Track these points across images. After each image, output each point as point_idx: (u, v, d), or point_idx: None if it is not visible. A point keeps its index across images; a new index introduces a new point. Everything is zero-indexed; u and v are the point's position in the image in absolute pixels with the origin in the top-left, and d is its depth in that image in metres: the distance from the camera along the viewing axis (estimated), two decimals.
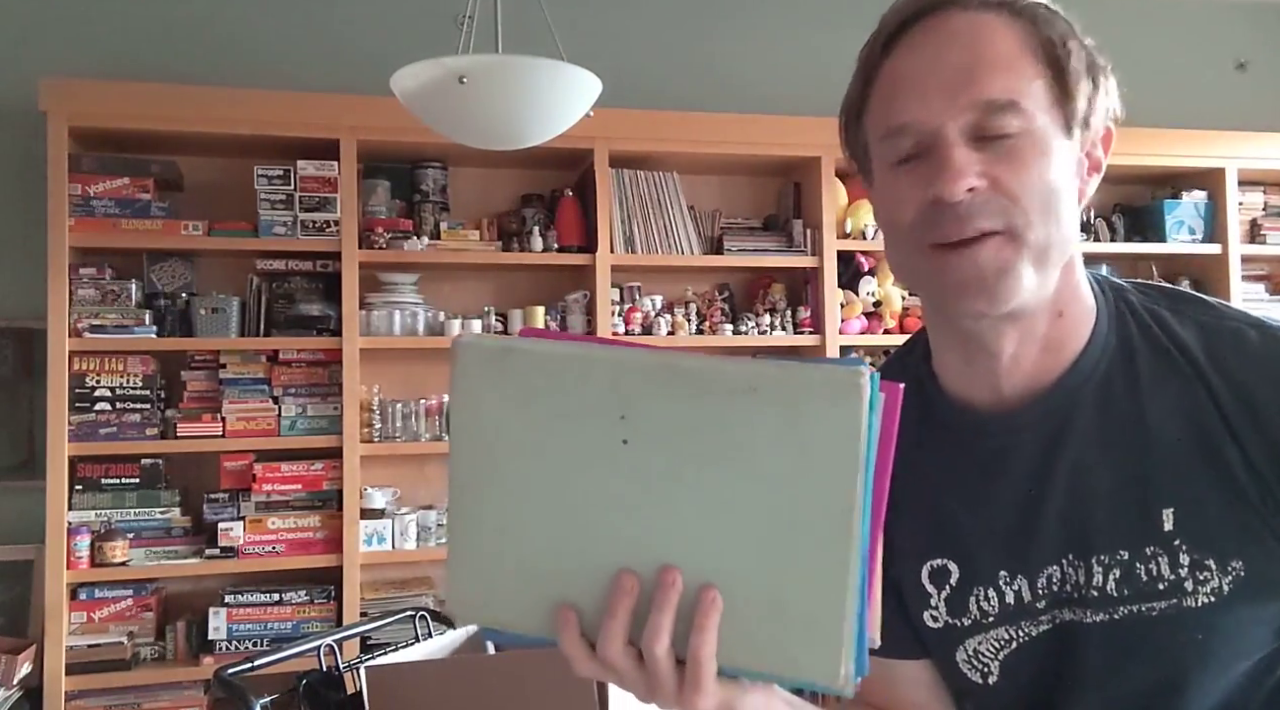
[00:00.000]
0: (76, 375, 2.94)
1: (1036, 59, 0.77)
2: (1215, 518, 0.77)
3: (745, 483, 0.58)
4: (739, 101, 3.54)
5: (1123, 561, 0.79)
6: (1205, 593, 0.77)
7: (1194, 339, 0.81)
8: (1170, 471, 0.78)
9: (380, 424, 3.13)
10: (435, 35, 2.74)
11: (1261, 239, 3.86)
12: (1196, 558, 0.77)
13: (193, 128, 2.98)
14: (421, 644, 1.81)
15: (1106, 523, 0.80)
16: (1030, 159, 0.75)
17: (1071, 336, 0.82)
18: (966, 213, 0.75)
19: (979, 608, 0.85)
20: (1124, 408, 0.81)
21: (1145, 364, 0.81)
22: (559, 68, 2.15)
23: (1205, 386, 0.79)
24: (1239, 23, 4.17)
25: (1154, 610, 0.79)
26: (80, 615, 2.91)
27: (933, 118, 0.76)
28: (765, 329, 3.43)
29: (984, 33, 0.77)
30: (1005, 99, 0.75)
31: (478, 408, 0.64)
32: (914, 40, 0.78)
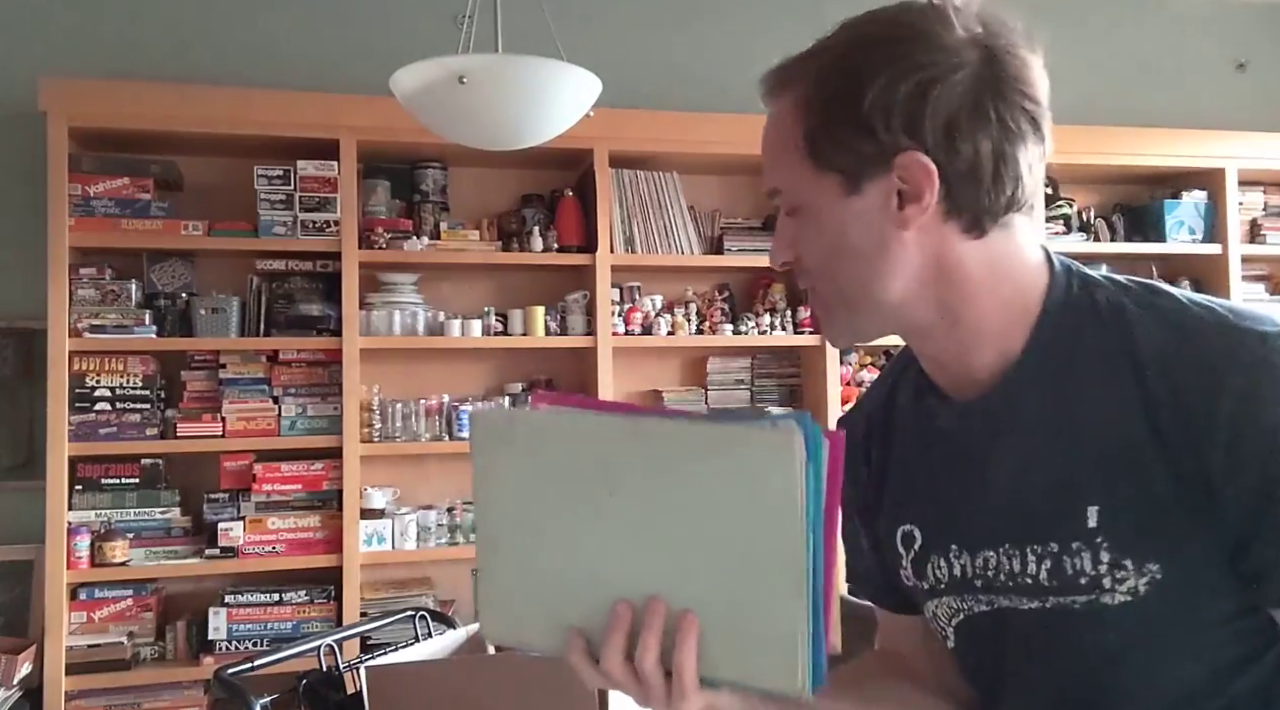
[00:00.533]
0: (76, 375, 2.94)
1: (794, 143, 0.84)
2: (1135, 521, 0.79)
3: (709, 527, 0.70)
4: (739, 101, 3.53)
5: (1053, 553, 0.82)
6: (1122, 592, 0.79)
7: (1148, 338, 0.80)
8: (1098, 471, 0.80)
9: (380, 424, 3.13)
10: (435, 35, 2.75)
11: (1261, 239, 3.86)
12: (1115, 557, 0.79)
13: (193, 128, 2.98)
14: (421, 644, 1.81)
15: (1040, 514, 0.83)
16: (809, 229, 0.85)
17: (1002, 335, 0.85)
18: (794, 274, 0.90)
19: (934, 574, 0.92)
20: (1063, 405, 0.83)
21: (1088, 363, 0.82)
22: (559, 68, 2.15)
23: (1143, 391, 0.79)
24: (1239, 23, 4.17)
25: (1076, 603, 0.81)
26: (80, 615, 2.91)
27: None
28: (765, 329, 3.43)
29: (769, 130, 0.89)
30: (771, 188, 0.88)
31: (494, 467, 0.77)
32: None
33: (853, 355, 3.54)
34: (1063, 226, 3.68)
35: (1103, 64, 3.94)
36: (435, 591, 3.21)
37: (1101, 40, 3.97)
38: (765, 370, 3.59)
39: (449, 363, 3.35)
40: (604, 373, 3.24)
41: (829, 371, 3.39)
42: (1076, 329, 0.84)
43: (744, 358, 3.56)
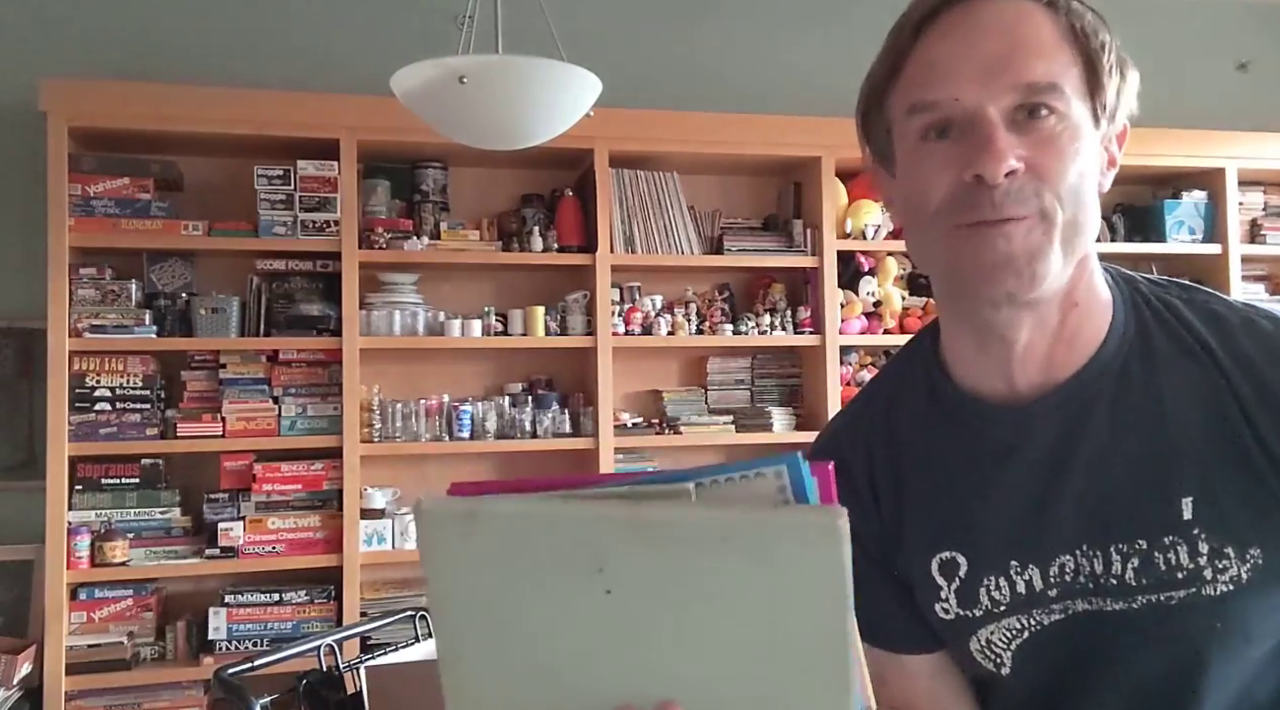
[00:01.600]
0: (76, 375, 2.94)
1: (1072, 47, 0.78)
2: (1233, 505, 0.77)
3: (732, 620, 0.59)
4: (739, 101, 3.54)
5: (1141, 551, 0.79)
6: (1224, 581, 0.77)
7: (1206, 325, 0.81)
8: (1188, 459, 0.78)
9: (380, 424, 3.13)
10: (435, 35, 2.74)
11: (1261, 239, 3.86)
12: (1215, 546, 0.77)
13: (193, 128, 2.98)
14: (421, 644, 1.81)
15: (1125, 512, 0.80)
16: (1066, 145, 0.76)
17: (1087, 328, 0.83)
18: (1003, 197, 0.75)
19: (990, 597, 0.85)
20: (1141, 397, 0.81)
21: (1162, 352, 0.81)
22: (559, 68, 2.15)
23: (1220, 372, 0.79)
24: (1239, 23, 4.17)
25: (1173, 599, 0.78)
26: (80, 615, 2.91)
27: (973, 97, 0.76)
28: (765, 329, 3.43)
29: (1021, 19, 0.77)
30: (1047, 82, 0.75)
31: (452, 567, 0.63)
32: (946, 27, 0.78)
33: (853, 355, 3.54)
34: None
35: None
36: None
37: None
38: (765, 370, 3.58)
39: (449, 363, 3.35)
40: (604, 373, 3.24)
41: (829, 371, 3.39)
42: (1140, 321, 0.83)
43: (744, 358, 3.56)
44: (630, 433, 3.32)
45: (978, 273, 0.77)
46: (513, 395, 3.31)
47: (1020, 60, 0.76)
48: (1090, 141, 0.78)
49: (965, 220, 0.77)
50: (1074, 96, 0.77)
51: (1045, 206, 0.76)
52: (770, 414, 3.41)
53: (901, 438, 0.91)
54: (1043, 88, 0.76)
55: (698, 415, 3.44)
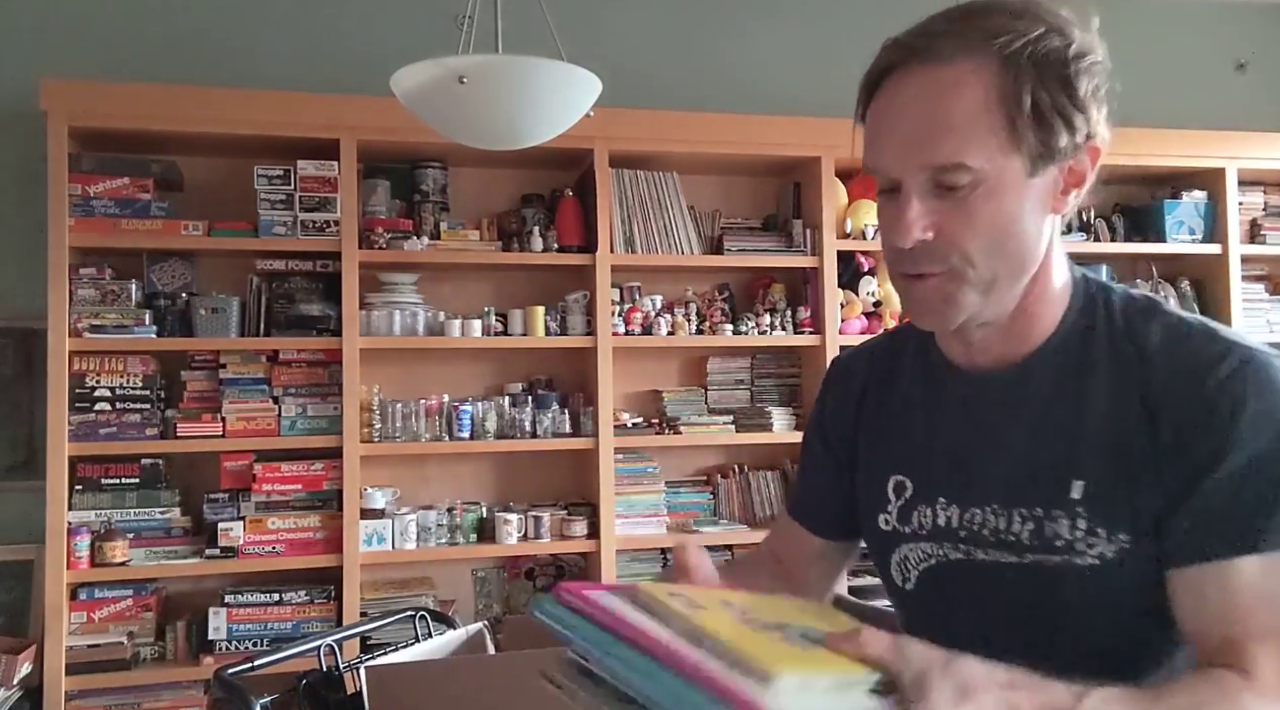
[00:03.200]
0: (76, 375, 2.94)
1: (993, 113, 0.84)
2: (1113, 494, 0.89)
3: None
4: (739, 101, 3.54)
5: (1037, 518, 0.92)
6: (1092, 556, 0.89)
7: (1154, 341, 0.91)
8: (1089, 448, 0.90)
9: (380, 424, 3.13)
10: (435, 35, 2.74)
11: (1261, 239, 3.86)
12: (1090, 526, 0.89)
13: (193, 128, 2.98)
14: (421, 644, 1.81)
15: (1031, 483, 0.93)
16: (978, 209, 0.86)
17: (1037, 327, 0.95)
18: (915, 259, 0.89)
19: (918, 521, 1.01)
20: (1067, 389, 0.93)
21: (1097, 354, 0.93)
22: (559, 68, 2.15)
23: (1143, 382, 0.89)
24: (1239, 23, 4.17)
25: (1051, 562, 0.91)
26: (80, 615, 2.91)
27: (894, 170, 0.88)
28: (765, 329, 3.43)
29: (942, 95, 0.84)
30: (952, 162, 0.84)
31: None
32: (884, 97, 0.89)
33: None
34: (1063, 226, 3.68)
35: None
36: (435, 591, 3.21)
37: (1101, 40, 3.97)
38: (765, 370, 3.59)
39: (449, 363, 3.35)
40: (604, 373, 3.24)
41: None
42: (1091, 326, 0.95)
43: (744, 358, 3.56)
44: (630, 433, 3.32)
45: (910, 314, 0.95)
46: (513, 395, 3.31)
47: (931, 141, 0.84)
48: (1016, 192, 0.86)
49: (896, 271, 0.92)
50: (989, 162, 0.84)
51: (954, 266, 0.88)
52: (770, 414, 3.41)
53: (898, 377, 1.07)
54: (948, 168, 0.84)
55: (698, 415, 3.44)
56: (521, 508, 3.27)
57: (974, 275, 0.88)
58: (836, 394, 1.15)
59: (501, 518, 3.19)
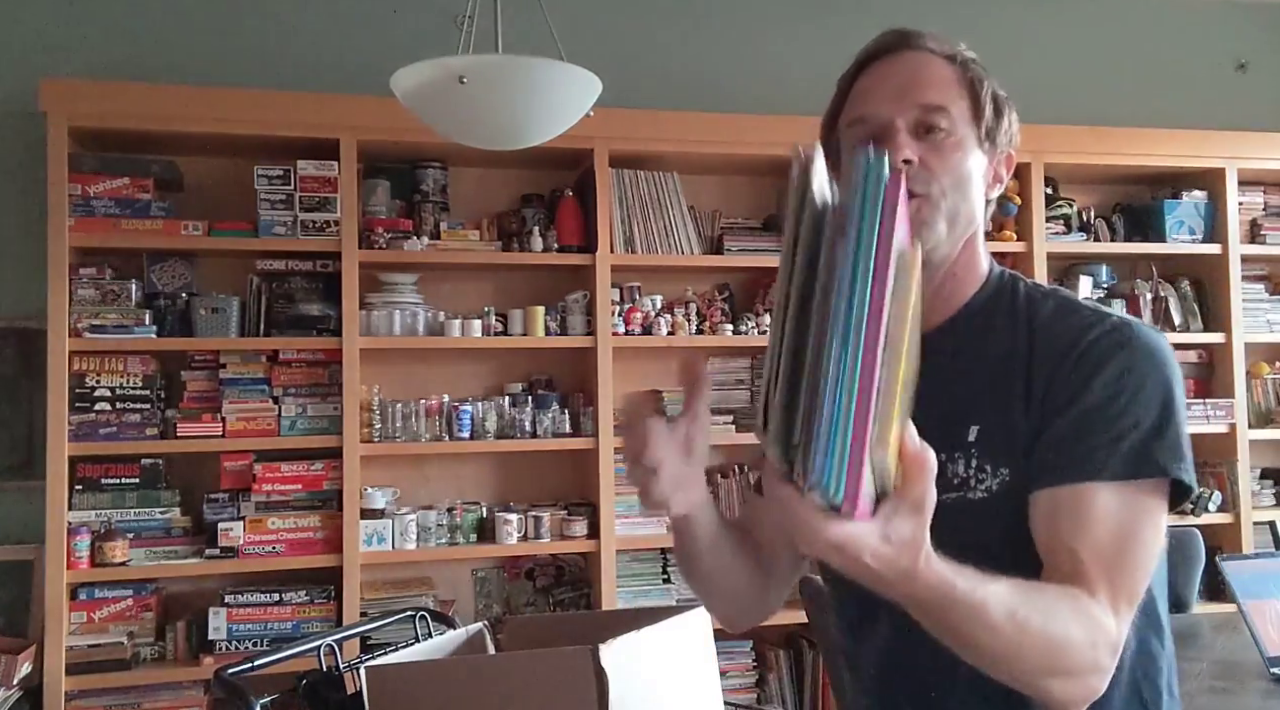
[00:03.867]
0: (76, 375, 2.94)
1: (961, 88, 1.07)
2: (998, 436, 1.03)
3: None
4: (739, 101, 3.54)
5: (940, 461, 0.96)
6: (980, 490, 1.03)
7: (1044, 312, 1.07)
8: (985, 398, 1.05)
9: (380, 424, 3.13)
10: (435, 35, 2.74)
11: (1261, 239, 3.86)
12: (980, 463, 1.03)
13: (193, 128, 2.98)
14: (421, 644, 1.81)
15: (941, 429, 0.96)
16: (951, 151, 1.05)
17: (957, 294, 1.11)
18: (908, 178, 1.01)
19: None
20: (973, 348, 1.09)
21: (1001, 321, 1.09)
22: (559, 68, 2.15)
23: (1028, 343, 1.06)
24: (1239, 23, 4.17)
25: (949, 498, 0.95)
26: (80, 615, 2.91)
27: (886, 112, 1.05)
28: (765, 329, 3.43)
29: (923, 64, 1.08)
30: (938, 103, 1.05)
31: None
32: (873, 68, 1.10)
33: None
34: (1063, 226, 3.68)
35: (1103, 64, 3.94)
36: (435, 591, 3.21)
37: (1102, 40, 3.97)
38: None
39: (449, 363, 3.35)
40: (604, 373, 3.24)
41: None
42: (998, 300, 1.12)
43: (744, 358, 3.56)
44: None
45: None
46: (513, 395, 3.31)
47: (920, 88, 1.06)
48: (974, 156, 1.07)
49: None
50: (960, 121, 1.06)
51: (931, 192, 1.03)
52: None
53: None
54: (934, 107, 1.05)
55: None
56: (521, 508, 3.27)
57: (945, 205, 1.04)
58: None
59: (501, 518, 3.19)
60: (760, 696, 3.35)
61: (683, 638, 1.41)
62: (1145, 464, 0.97)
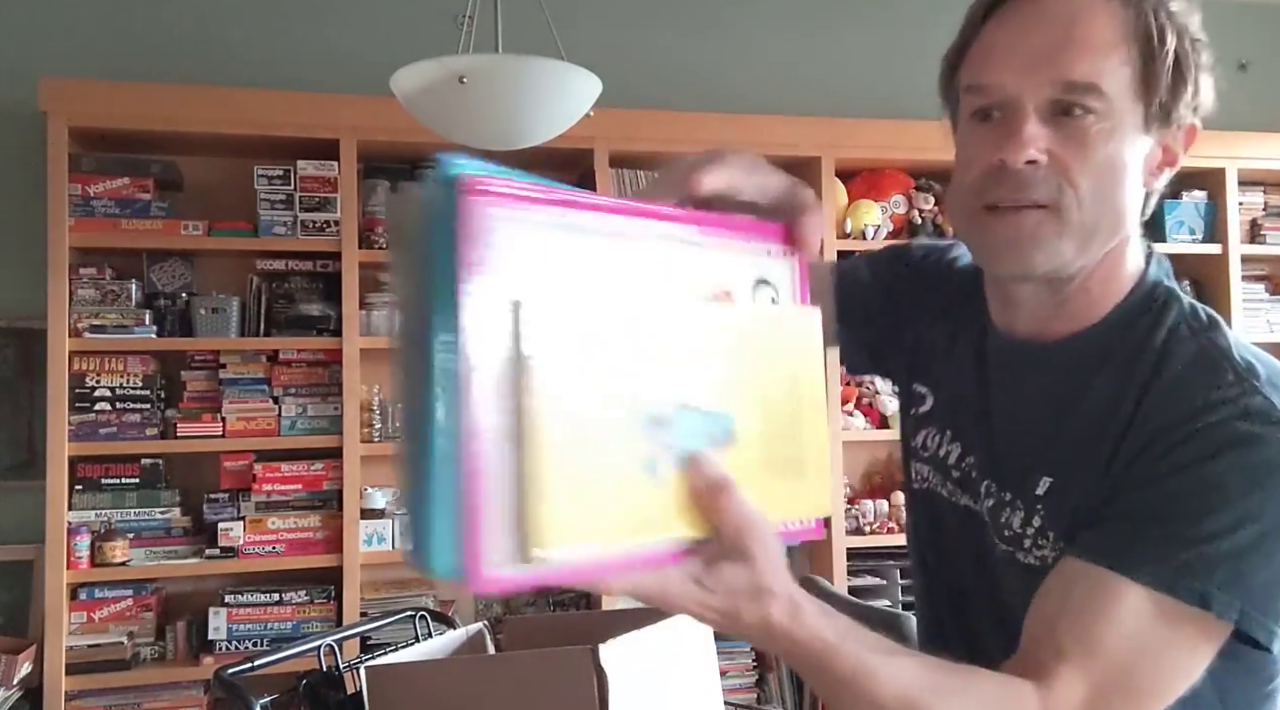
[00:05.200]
0: (76, 375, 2.94)
1: (1129, 48, 0.80)
2: (1073, 498, 0.84)
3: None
4: (739, 101, 3.54)
5: (1000, 499, 0.90)
6: (1035, 556, 0.86)
7: (1177, 360, 0.83)
8: (1071, 450, 0.85)
9: (380, 424, 3.13)
10: (435, 35, 2.74)
11: (1261, 239, 3.86)
12: (1044, 526, 0.86)
13: (193, 128, 2.98)
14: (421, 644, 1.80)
15: (1009, 461, 0.90)
16: (1097, 143, 0.79)
17: (1086, 312, 0.88)
18: (1021, 183, 0.80)
19: (925, 441, 1.02)
20: (1079, 382, 0.87)
21: (1122, 355, 0.85)
22: (559, 68, 2.15)
23: (1139, 397, 0.82)
24: (1239, 23, 4.17)
25: (999, 549, 0.89)
26: (80, 615, 2.91)
27: (1013, 86, 0.80)
28: None
29: (1080, 14, 0.79)
30: (1086, 81, 0.78)
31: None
32: (1010, 13, 0.83)
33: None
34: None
35: None
36: (435, 591, 3.21)
37: None
38: None
39: None
40: None
41: (829, 372, 3.39)
42: (1133, 327, 0.86)
43: None
44: None
45: (986, 251, 0.86)
46: None
47: (1066, 57, 0.78)
48: (1132, 144, 0.81)
49: (986, 201, 0.83)
50: (1119, 98, 0.79)
51: (1061, 201, 0.80)
52: None
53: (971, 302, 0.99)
54: (1080, 87, 0.78)
55: None
56: None
57: (1077, 217, 0.80)
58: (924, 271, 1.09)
59: None
60: (760, 696, 3.34)
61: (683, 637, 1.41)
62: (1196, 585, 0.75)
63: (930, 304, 1.05)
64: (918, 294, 1.07)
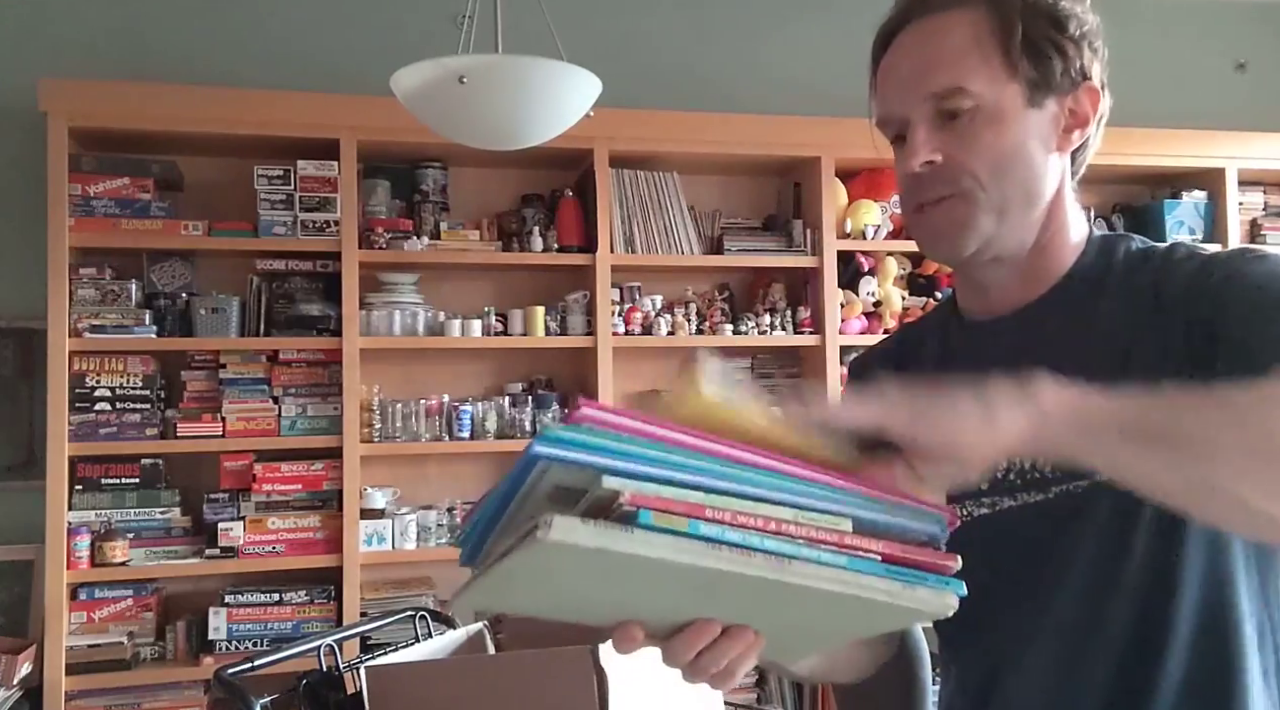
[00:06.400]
0: (76, 375, 2.94)
1: (987, 43, 0.90)
2: None
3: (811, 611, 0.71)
4: (739, 101, 3.54)
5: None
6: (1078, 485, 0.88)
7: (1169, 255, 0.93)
8: (1101, 368, 0.86)
9: (380, 424, 3.13)
10: (435, 35, 2.75)
11: (1261, 239, 3.87)
12: None
13: (193, 128, 2.98)
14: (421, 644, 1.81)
15: None
16: (981, 131, 0.90)
17: (1052, 266, 0.97)
18: (928, 182, 0.92)
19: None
20: (1081, 317, 0.93)
21: (1113, 281, 0.94)
22: (559, 68, 2.15)
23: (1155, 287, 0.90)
24: (1239, 23, 4.17)
25: (1079, 488, 0.89)
26: (80, 615, 2.91)
27: (901, 109, 0.93)
28: (765, 329, 3.43)
29: (935, 36, 0.92)
30: (950, 87, 0.90)
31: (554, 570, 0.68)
32: (891, 49, 0.96)
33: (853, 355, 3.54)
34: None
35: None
36: (435, 591, 3.21)
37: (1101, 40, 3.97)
38: (765, 370, 3.59)
39: (449, 363, 3.35)
40: (604, 373, 3.24)
41: (829, 371, 3.39)
42: (1107, 263, 0.96)
43: (744, 358, 3.56)
44: None
45: (925, 244, 0.98)
46: (513, 395, 3.31)
47: (930, 72, 0.91)
48: (1019, 121, 0.91)
49: (910, 206, 0.96)
50: (989, 88, 0.90)
51: (964, 187, 0.91)
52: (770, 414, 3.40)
53: (916, 358, 1.07)
54: (947, 93, 0.90)
55: None
56: None
57: (984, 198, 0.91)
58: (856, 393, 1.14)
59: None
60: (760, 696, 3.35)
61: None
62: None
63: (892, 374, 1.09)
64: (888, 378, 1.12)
